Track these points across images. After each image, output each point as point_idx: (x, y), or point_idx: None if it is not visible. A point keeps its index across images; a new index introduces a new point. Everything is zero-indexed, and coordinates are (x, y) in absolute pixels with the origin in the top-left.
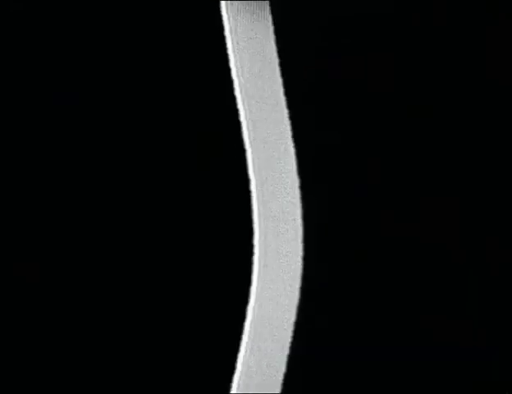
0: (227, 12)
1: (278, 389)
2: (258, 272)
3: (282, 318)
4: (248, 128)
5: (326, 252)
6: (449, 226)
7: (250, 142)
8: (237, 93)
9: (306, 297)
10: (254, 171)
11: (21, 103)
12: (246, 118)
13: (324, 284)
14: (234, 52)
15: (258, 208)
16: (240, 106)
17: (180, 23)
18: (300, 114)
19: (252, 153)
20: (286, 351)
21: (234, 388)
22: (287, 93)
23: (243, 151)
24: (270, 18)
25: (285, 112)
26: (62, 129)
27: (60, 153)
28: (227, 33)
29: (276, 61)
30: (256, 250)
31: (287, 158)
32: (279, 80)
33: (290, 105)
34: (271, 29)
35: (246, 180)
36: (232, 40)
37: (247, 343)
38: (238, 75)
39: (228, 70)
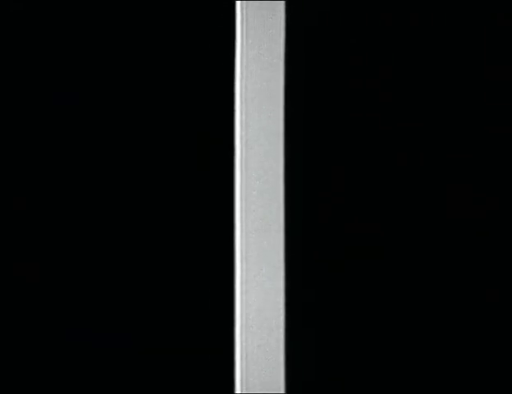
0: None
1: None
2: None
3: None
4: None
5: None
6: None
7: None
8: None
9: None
10: (241, 170)
11: (21, 102)
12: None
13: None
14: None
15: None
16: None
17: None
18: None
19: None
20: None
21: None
22: (288, 94)
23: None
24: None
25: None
26: (62, 129)
27: (59, 153)
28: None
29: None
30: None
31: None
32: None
33: (290, 105)
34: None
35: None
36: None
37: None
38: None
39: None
